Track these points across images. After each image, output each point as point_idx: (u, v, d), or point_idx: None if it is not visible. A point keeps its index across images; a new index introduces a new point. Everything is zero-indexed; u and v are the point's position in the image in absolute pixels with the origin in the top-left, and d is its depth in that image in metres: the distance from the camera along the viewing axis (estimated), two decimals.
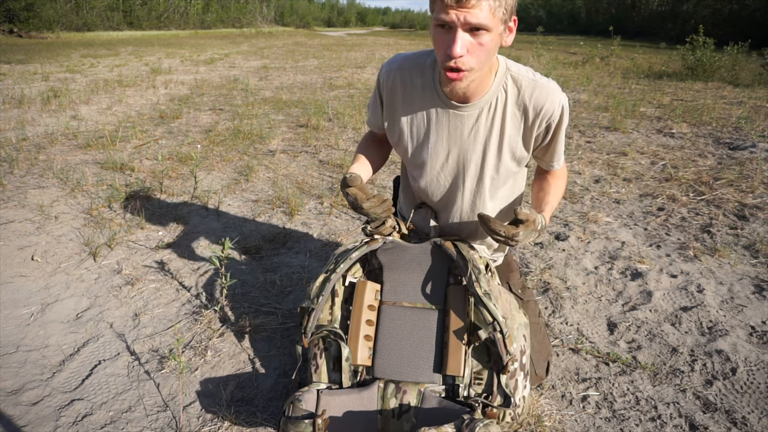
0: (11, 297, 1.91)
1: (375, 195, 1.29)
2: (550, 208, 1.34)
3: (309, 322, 1.29)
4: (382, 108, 1.39)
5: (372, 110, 1.44)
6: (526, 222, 1.18)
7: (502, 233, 1.16)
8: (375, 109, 1.41)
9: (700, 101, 6.08)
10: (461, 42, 1.06)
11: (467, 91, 1.20)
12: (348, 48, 17.11)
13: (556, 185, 1.40)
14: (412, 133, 1.34)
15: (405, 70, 1.30)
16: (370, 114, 1.46)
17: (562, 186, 1.42)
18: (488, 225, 1.17)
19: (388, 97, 1.34)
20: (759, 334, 1.73)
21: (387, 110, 1.37)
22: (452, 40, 1.06)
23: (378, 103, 1.39)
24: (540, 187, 1.41)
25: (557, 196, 1.39)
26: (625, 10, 34.19)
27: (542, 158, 1.38)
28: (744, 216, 2.73)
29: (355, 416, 1.19)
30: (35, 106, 5.50)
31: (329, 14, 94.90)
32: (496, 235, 1.18)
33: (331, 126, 4.79)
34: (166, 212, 2.73)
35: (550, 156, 1.36)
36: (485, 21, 1.03)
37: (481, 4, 1.01)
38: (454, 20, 1.03)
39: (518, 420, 1.26)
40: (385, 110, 1.37)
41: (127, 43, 18.80)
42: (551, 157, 1.36)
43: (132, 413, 1.38)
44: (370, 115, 1.46)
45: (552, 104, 1.23)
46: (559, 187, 1.41)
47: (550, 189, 1.38)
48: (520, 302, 1.48)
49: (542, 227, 1.23)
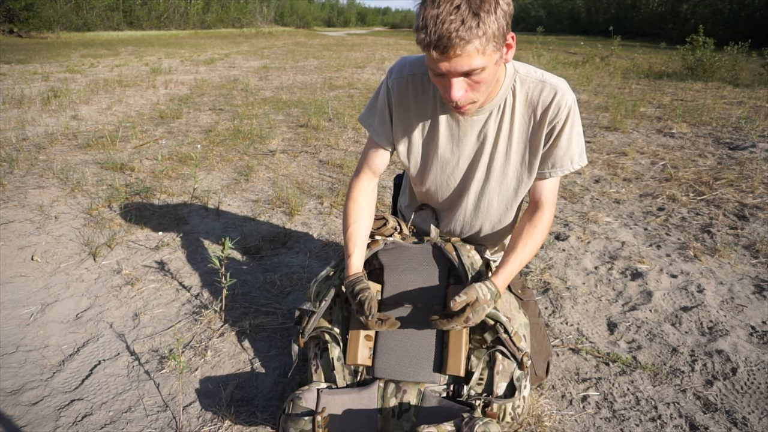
0: (11, 297, 1.90)
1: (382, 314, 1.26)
2: (509, 270, 1.25)
3: (308, 324, 1.29)
4: (390, 117, 1.32)
5: (378, 121, 1.35)
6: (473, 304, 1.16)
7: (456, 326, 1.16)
8: (382, 119, 1.34)
9: (700, 101, 6.08)
10: (457, 86, 1.06)
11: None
12: (348, 48, 17.11)
13: (530, 240, 1.28)
14: (423, 140, 1.32)
15: (417, 76, 1.27)
16: (376, 126, 1.35)
17: (537, 240, 1.30)
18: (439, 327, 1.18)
19: (398, 103, 1.30)
20: (759, 334, 1.73)
21: (396, 117, 1.32)
22: (448, 85, 1.06)
23: (387, 114, 1.32)
24: (512, 240, 1.32)
25: (524, 254, 1.28)
26: (625, 10, 34.18)
27: (544, 165, 1.29)
28: (744, 216, 2.73)
29: (355, 415, 1.19)
30: (35, 106, 5.50)
31: (329, 14, 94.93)
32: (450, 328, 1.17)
33: (331, 126, 4.79)
34: (166, 212, 2.72)
35: (553, 160, 1.27)
36: (476, 64, 1.01)
37: (466, 50, 0.98)
38: (444, 71, 1.03)
39: (518, 420, 1.26)
40: (395, 119, 1.32)
41: (127, 43, 18.80)
42: (554, 161, 1.27)
43: (132, 413, 1.38)
44: (374, 127, 1.36)
45: (558, 103, 1.20)
46: (534, 239, 1.29)
47: (517, 246, 1.28)
48: (520, 302, 1.48)
49: (492, 297, 1.18)
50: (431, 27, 0.96)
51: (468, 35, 0.96)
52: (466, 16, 0.95)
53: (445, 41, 0.96)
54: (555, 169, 1.28)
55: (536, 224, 1.30)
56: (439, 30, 0.96)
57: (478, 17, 0.96)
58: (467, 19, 0.95)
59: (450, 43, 0.96)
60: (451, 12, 0.95)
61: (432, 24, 0.96)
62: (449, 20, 0.95)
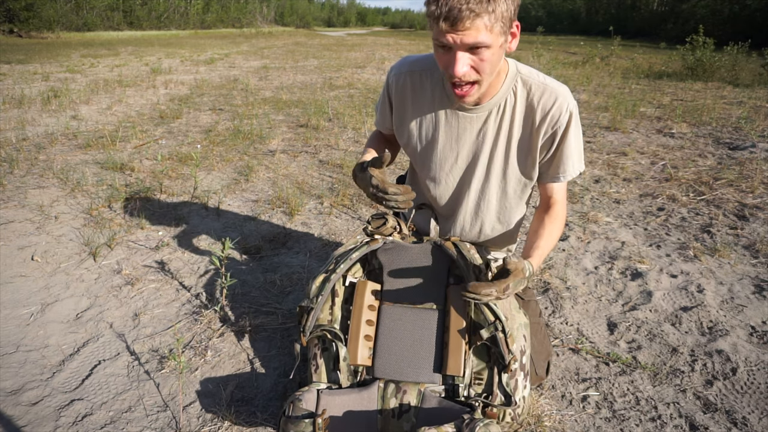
0: (11, 297, 1.90)
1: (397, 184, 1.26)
2: (540, 253, 1.27)
3: (308, 321, 1.29)
4: (391, 111, 1.39)
5: (380, 112, 1.44)
6: (514, 271, 1.12)
7: (493, 293, 1.07)
8: (384, 111, 1.42)
9: (700, 101, 6.08)
10: (461, 61, 1.07)
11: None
12: (348, 48, 17.11)
13: (552, 228, 1.32)
14: (421, 135, 1.35)
15: (415, 74, 1.31)
16: (378, 115, 1.47)
17: (558, 228, 1.34)
18: (477, 291, 1.06)
19: (397, 99, 1.35)
20: (759, 334, 1.73)
21: (396, 112, 1.37)
22: (453, 59, 1.07)
23: (387, 105, 1.40)
24: (534, 230, 1.34)
25: (550, 240, 1.31)
26: (625, 10, 34.21)
27: (547, 171, 1.32)
28: (744, 216, 2.73)
29: (355, 416, 1.19)
30: (35, 106, 5.50)
31: (329, 14, 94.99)
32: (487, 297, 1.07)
33: (331, 126, 4.79)
34: (166, 212, 2.72)
35: (556, 167, 1.30)
36: (483, 39, 1.03)
37: (475, 23, 1.00)
38: (451, 42, 1.04)
39: (518, 420, 1.26)
40: (394, 113, 1.38)
41: (127, 43, 18.80)
42: (556, 168, 1.30)
43: (132, 413, 1.38)
44: (378, 117, 1.47)
45: (559, 109, 1.21)
46: (555, 230, 1.33)
47: (543, 232, 1.31)
48: (521, 302, 1.48)
49: (530, 274, 1.17)
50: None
51: (478, 8, 0.99)
52: None
53: (456, 12, 0.99)
54: (560, 174, 1.31)
55: (554, 216, 1.34)
56: (450, 2, 0.98)
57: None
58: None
59: (460, 15, 0.99)
60: None
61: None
62: None
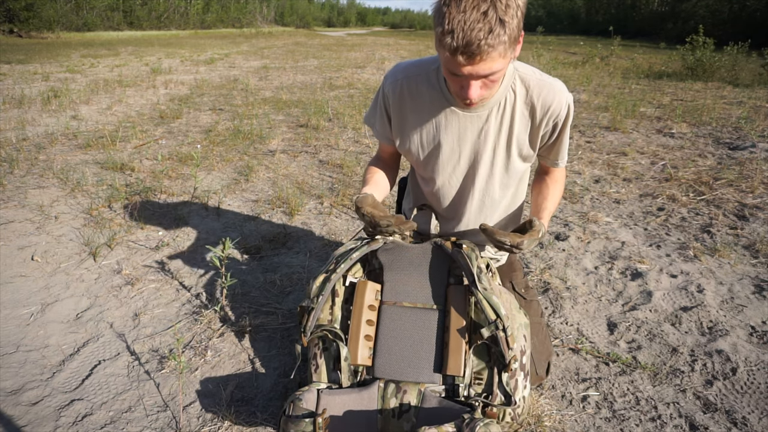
0: (11, 297, 1.90)
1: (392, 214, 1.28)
2: (548, 213, 1.35)
3: (308, 321, 1.29)
4: (389, 121, 1.38)
5: (378, 123, 1.42)
6: (531, 231, 1.21)
7: (507, 243, 1.18)
8: (382, 122, 1.40)
9: (700, 101, 6.08)
10: (475, 88, 1.07)
11: None
12: (348, 48, 17.11)
13: (555, 189, 1.41)
14: (422, 140, 1.35)
15: (411, 79, 1.30)
16: (376, 127, 1.44)
17: (560, 189, 1.43)
18: (493, 236, 1.19)
19: (395, 107, 1.34)
20: (759, 334, 1.73)
21: (395, 121, 1.36)
22: (466, 86, 1.07)
23: (385, 117, 1.38)
24: (539, 191, 1.42)
25: (555, 200, 1.39)
26: (625, 10, 34.21)
27: (547, 156, 1.39)
28: (744, 216, 2.73)
29: (355, 416, 1.19)
30: (35, 106, 5.50)
31: (329, 14, 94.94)
32: (501, 245, 1.19)
33: (331, 126, 4.79)
34: (166, 212, 2.72)
35: (555, 154, 1.37)
36: (496, 68, 1.02)
37: (491, 56, 0.99)
38: (466, 74, 1.04)
39: (518, 420, 1.26)
40: (393, 122, 1.37)
41: (127, 43, 18.80)
42: (556, 155, 1.37)
43: (132, 413, 1.38)
44: (377, 128, 1.44)
45: (559, 104, 1.25)
46: (558, 190, 1.42)
47: (548, 193, 1.39)
48: (523, 302, 1.49)
49: (543, 234, 1.24)
50: (458, 32, 0.96)
51: (495, 41, 0.97)
52: (493, 24, 0.95)
53: (474, 48, 0.97)
54: (559, 160, 1.39)
55: (555, 178, 1.43)
56: (467, 37, 0.96)
57: (503, 24, 0.96)
58: (495, 27, 0.96)
59: (478, 50, 0.97)
60: (479, 19, 0.95)
61: (459, 30, 0.96)
62: (477, 27, 0.95)
